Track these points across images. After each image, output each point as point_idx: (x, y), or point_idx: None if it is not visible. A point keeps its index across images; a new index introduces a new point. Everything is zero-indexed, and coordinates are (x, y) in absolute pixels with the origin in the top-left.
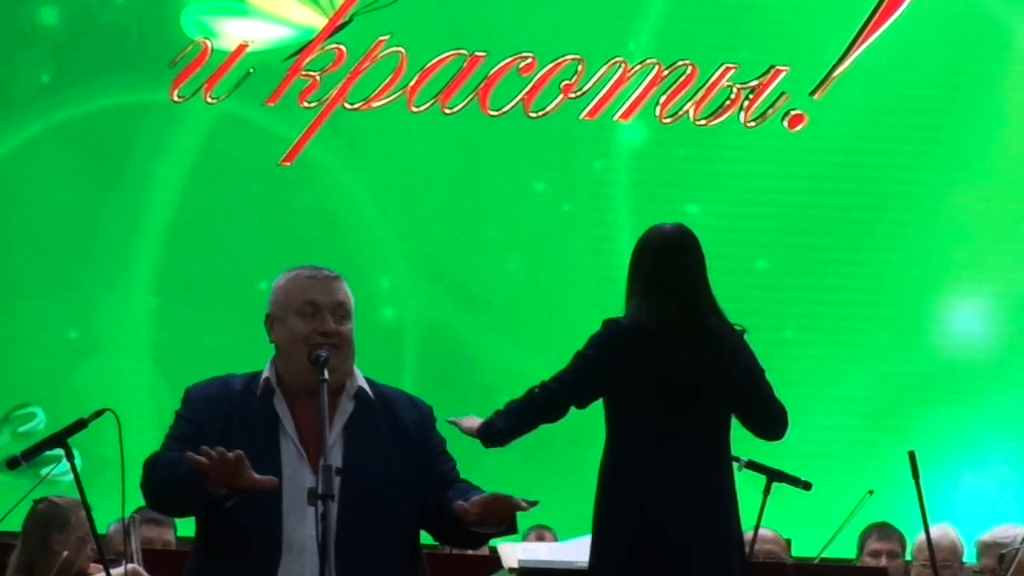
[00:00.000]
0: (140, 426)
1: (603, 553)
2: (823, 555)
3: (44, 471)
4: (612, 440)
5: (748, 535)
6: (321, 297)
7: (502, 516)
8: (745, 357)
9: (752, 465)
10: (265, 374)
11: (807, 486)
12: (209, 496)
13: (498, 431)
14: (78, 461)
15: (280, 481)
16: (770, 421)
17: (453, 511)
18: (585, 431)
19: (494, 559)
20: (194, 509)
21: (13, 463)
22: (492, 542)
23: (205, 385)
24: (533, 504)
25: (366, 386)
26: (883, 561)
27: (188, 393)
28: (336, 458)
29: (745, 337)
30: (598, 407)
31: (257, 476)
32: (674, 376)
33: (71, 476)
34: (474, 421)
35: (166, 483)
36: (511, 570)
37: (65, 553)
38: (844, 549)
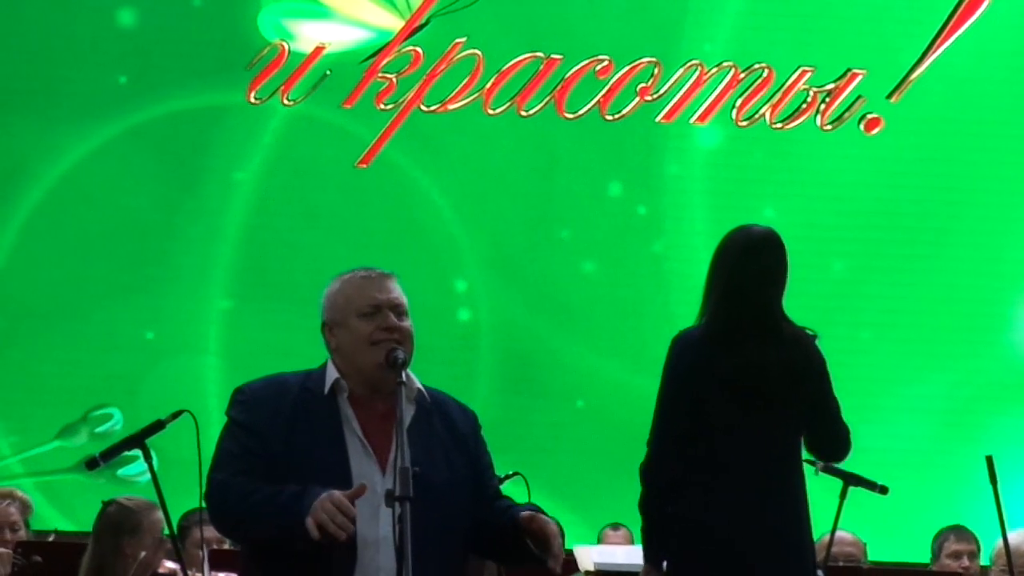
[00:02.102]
0: (214, 427)
1: (675, 557)
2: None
3: (120, 472)
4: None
5: (825, 538)
6: (380, 295)
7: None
8: (817, 363)
9: (828, 469)
10: (331, 375)
11: (883, 490)
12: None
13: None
14: (154, 462)
15: (350, 482)
16: (834, 439)
17: (508, 521)
18: None
19: (569, 561)
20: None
21: (92, 464)
22: (569, 543)
23: (260, 384)
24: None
25: (423, 388)
26: (965, 562)
27: (242, 395)
28: (403, 460)
29: (817, 343)
30: None
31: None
32: (747, 380)
33: (144, 477)
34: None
35: (254, 520)
36: (587, 573)
37: (143, 554)
38: (916, 554)
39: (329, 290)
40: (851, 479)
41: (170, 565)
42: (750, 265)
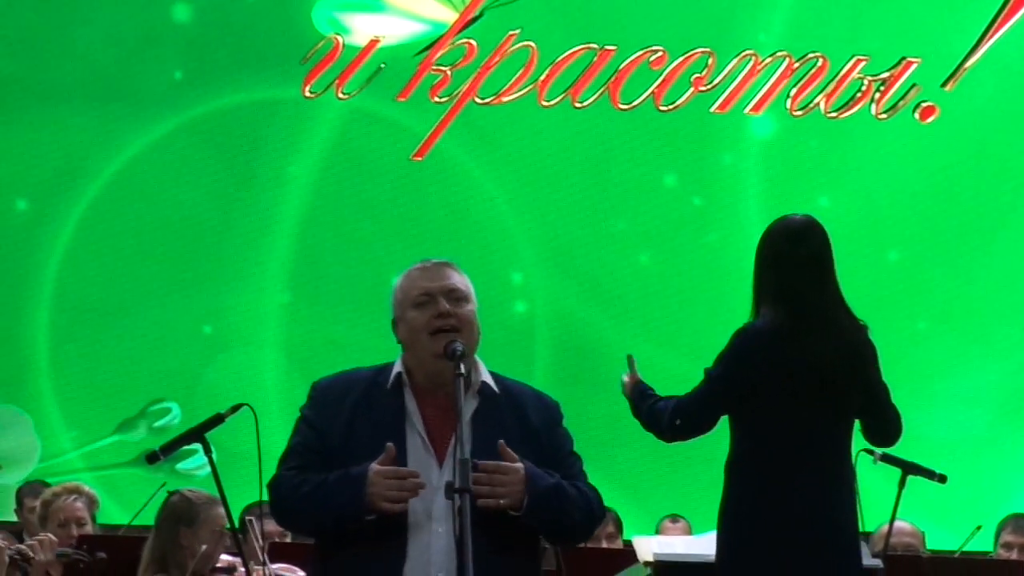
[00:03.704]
0: (272, 421)
1: (732, 547)
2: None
3: (179, 466)
4: (743, 436)
5: (884, 528)
6: (431, 284)
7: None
8: (870, 353)
9: (886, 458)
10: (396, 368)
11: (942, 479)
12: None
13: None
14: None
15: None
16: (888, 423)
17: None
18: (717, 426)
19: (629, 553)
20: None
21: (152, 457)
22: (626, 535)
23: (331, 379)
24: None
25: (491, 381)
26: (1014, 555)
27: (313, 389)
28: (462, 452)
29: (868, 334)
30: None
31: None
32: (809, 372)
33: (203, 471)
34: (634, 385)
35: (303, 511)
36: (646, 563)
37: (203, 547)
38: (980, 542)
39: (394, 286)
40: (909, 468)
41: (231, 559)
42: (796, 256)
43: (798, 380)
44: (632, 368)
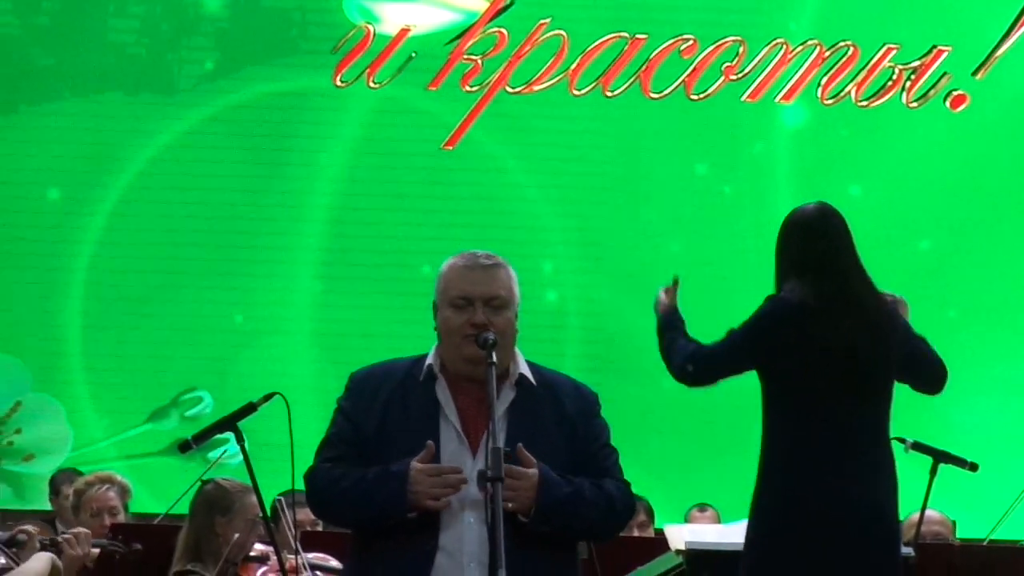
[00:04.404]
0: (304, 410)
1: (766, 535)
2: (991, 536)
3: (210, 454)
4: (777, 420)
5: (914, 516)
6: (473, 289)
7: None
8: (901, 324)
9: (918, 446)
10: (429, 360)
11: (973, 467)
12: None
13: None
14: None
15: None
16: (934, 378)
17: None
18: (746, 411)
19: (661, 541)
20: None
21: (185, 447)
22: (658, 523)
23: (368, 370)
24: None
25: (528, 372)
26: None
27: (351, 379)
28: (494, 441)
29: (894, 306)
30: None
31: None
32: (840, 351)
33: (235, 459)
34: (668, 302)
35: (342, 506)
36: (678, 552)
37: (236, 536)
38: (1011, 531)
39: (441, 269)
40: (941, 456)
41: (264, 547)
42: (813, 245)
43: (825, 356)
44: (674, 289)
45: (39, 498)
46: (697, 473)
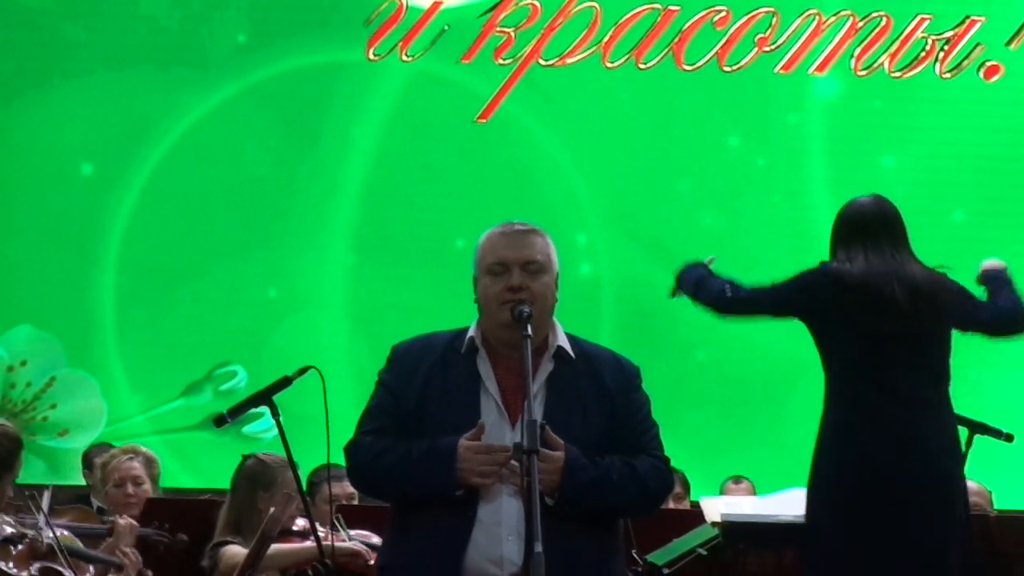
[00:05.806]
0: (338, 384)
1: (827, 504)
2: None
3: (245, 429)
4: (837, 391)
5: None
6: (508, 253)
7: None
8: (956, 291)
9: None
10: (470, 332)
11: (1009, 438)
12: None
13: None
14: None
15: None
16: (1006, 324)
17: None
18: (781, 387)
19: (697, 514)
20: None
21: (220, 420)
22: (694, 496)
23: (409, 343)
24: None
25: (567, 344)
26: None
27: (392, 352)
28: (536, 416)
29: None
30: (802, 365)
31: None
32: (895, 324)
33: (270, 433)
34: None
35: (386, 482)
36: (713, 524)
37: (272, 510)
38: None
39: (477, 242)
40: (977, 427)
41: (301, 522)
42: (867, 237)
43: (883, 330)
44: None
45: (73, 473)
46: (732, 445)
